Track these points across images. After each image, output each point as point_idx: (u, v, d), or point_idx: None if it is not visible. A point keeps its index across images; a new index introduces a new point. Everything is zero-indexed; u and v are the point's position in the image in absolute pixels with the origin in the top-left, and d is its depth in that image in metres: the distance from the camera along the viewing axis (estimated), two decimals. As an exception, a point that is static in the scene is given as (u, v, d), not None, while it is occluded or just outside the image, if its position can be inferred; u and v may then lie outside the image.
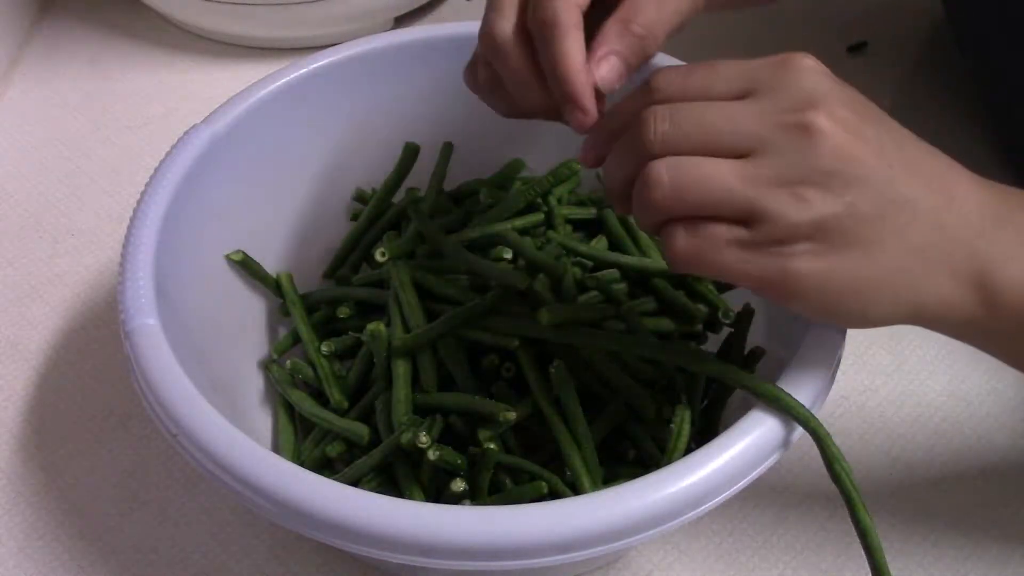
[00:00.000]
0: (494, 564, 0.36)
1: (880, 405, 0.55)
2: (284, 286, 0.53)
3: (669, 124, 0.35)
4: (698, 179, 0.34)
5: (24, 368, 0.57)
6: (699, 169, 0.34)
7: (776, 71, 0.35)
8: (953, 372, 0.56)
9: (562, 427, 0.44)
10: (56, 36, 0.78)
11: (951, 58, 0.73)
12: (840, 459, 0.38)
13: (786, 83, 0.35)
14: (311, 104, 0.53)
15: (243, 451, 0.38)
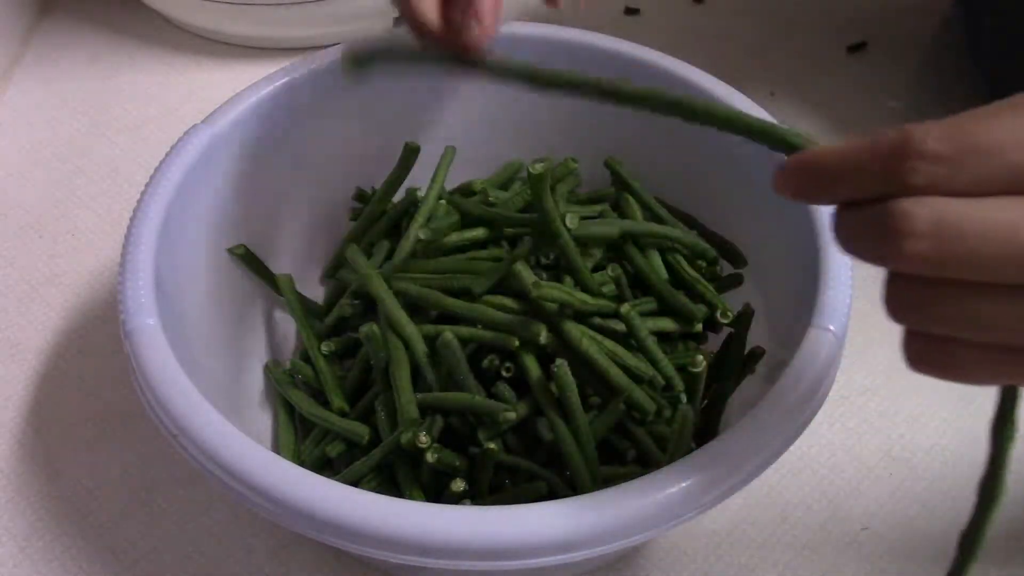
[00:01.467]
0: (494, 564, 0.36)
1: (880, 405, 0.55)
2: (283, 288, 0.53)
3: (931, 247, 0.27)
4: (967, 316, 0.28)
5: (24, 368, 0.57)
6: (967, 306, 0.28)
7: None
8: (953, 372, 0.56)
9: (563, 427, 0.44)
10: (56, 36, 0.78)
11: (951, 58, 0.73)
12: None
13: None
14: (311, 104, 0.53)
15: (243, 451, 0.38)
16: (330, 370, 0.50)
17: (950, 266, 0.27)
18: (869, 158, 0.28)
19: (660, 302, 0.50)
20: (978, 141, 0.27)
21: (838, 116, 0.71)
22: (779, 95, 0.72)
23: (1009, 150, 0.27)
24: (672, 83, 0.53)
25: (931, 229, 0.27)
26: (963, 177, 0.27)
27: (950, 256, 0.27)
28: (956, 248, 0.27)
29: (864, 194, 0.28)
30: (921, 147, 0.27)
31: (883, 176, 0.28)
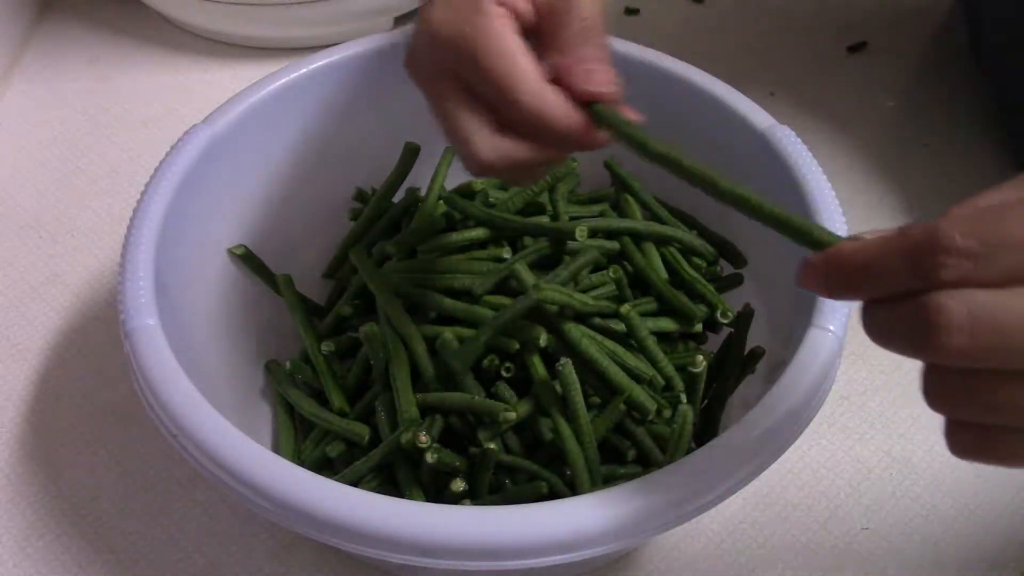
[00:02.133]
0: (494, 564, 0.36)
1: (880, 405, 0.55)
2: (283, 288, 0.53)
3: (968, 340, 0.27)
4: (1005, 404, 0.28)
5: (24, 368, 0.57)
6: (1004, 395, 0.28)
7: None
8: (953, 372, 0.56)
9: (565, 426, 0.44)
10: (56, 36, 0.78)
11: (951, 57, 0.73)
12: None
13: None
14: (311, 104, 0.53)
15: (243, 451, 0.38)
16: (330, 370, 0.50)
17: (988, 357, 0.27)
18: (898, 257, 0.28)
19: (660, 302, 0.50)
20: (1006, 235, 0.27)
21: (838, 116, 0.71)
22: (779, 95, 0.72)
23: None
24: (672, 83, 0.53)
25: (967, 322, 0.27)
26: (993, 270, 0.27)
27: (987, 347, 0.27)
28: (993, 339, 0.27)
29: (893, 291, 0.29)
30: (949, 244, 0.27)
31: (913, 273, 0.28)
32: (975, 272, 0.27)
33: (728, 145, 0.51)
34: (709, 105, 0.51)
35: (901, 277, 0.28)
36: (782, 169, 0.47)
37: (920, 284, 0.28)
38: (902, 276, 0.28)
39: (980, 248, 0.27)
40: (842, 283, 0.30)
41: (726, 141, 0.51)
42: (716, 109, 0.51)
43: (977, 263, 0.27)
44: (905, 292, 0.28)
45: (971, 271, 0.27)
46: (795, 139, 0.48)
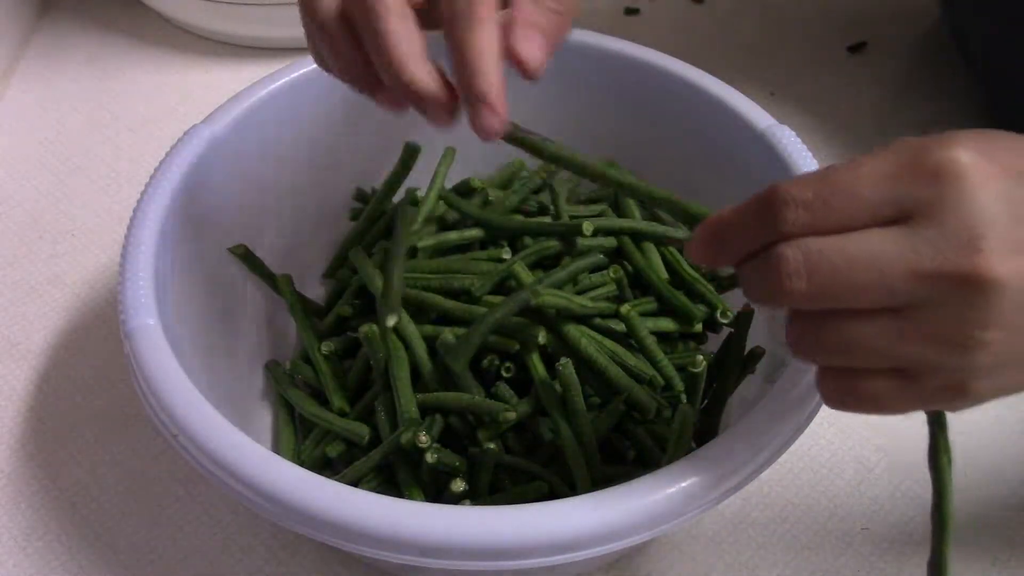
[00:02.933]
0: (494, 564, 0.36)
1: (880, 405, 0.55)
2: (283, 288, 0.53)
3: (806, 283, 0.30)
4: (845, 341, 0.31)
5: (24, 368, 0.57)
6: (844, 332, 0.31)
7: (931, 187, 0.30)
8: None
9: (565, 426, 0.44)
10: (56, 36, 0.78)
11: (950, 57, 0.73)
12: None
13: (945, 210, 0.29)
14: (311, 104, 0.53)
15: (243, 451, 0.38)
16: (330, 370, 0.50)
17: (826, 297, 0.30)
18: (749, 216, 0.32)
19: (660, 302, 0.50)
20: (837, 182, 0.30)
21: (838, 116, 0.71)
22: (779, 95, 0.72)
23: (865, 186, 0.30)
24: (672, 83, 0.53)
25: (803, 266, 0.30)
26: (829, 218, 0.30)
27: (823, 288, 0.30)
28: (827, 280, 0.30)
29: (752, 247, 0.32)
30: (786, 196, 0.30)
31: (761, 228, 0.31)
32: (812, 221, 0.30)
33: (728, 145, 0.51)
34: (709, 105, 0.51)
35: (754, 233, 0.31)
36: (782, 169, 0.47)
37: (768, 238, 0.31)
38: (754, 232, 0.31)
39: (813, 198, 0.30)
40: (714, 248, 0.33)
41: (726, 141, 0.51)
42: (716, 109, 0.51)
43: (813, 212, 0.30)
44: (760, 249, 0.31)
45: (808, 220, 0.30)
46: (795, 139, 0.48)
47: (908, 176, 0.30)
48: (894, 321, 0.30)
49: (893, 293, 0.30)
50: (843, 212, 0.30)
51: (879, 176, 0.30)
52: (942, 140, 0.30)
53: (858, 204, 0.30)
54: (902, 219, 0.30)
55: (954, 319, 0.30)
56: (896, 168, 0.30)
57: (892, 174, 0.30)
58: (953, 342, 0.30)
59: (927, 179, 0.30)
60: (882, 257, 0.30)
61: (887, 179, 0.30)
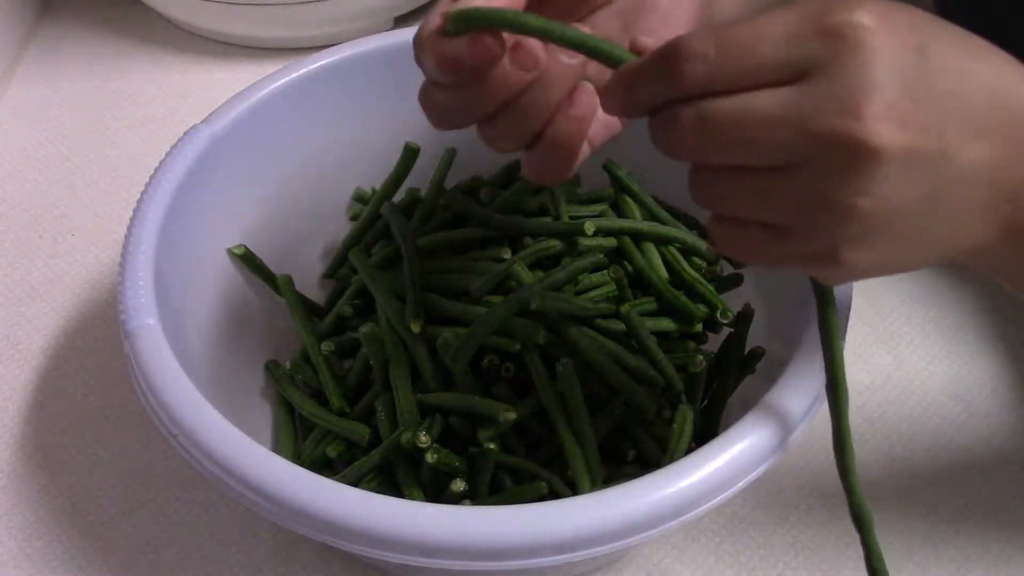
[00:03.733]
0: (494, 564, 0.36)
1: (880, 405, 0.55)
2: (283, 288, 0.53)
3: (697, 134, 0.31)
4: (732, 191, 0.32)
5: (24, 368, 0.57)
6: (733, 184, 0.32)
7: (828, 48, 0.30)
8: (953, 372, 0.56)
9: (565, 426, 0.44)
10: (56, 36, 0.78)
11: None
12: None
13: (837, 71, 0.30)
14: (311, 104, 0.53)
15: (243, 451, 0.38)
16: (330, 370, 0.50)
17: (716, 153, 0.31)
18: (653, 66, 0.32)
19: (660, 302, 0.50)
20: (737, 38, 0.31)
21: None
22: (779, 95, 0.72)
23: (763, 44, 0.30)
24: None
25: (696, 124, 0.31)
26: (727, 74, 0.31)
27: (713, 145, 0.31)
28: (717, 138, 0.31)
29: (658, 98, 0.32)
30: (687, 49, 0.31)
31: (664, 81, 0.32)
32: (709, 77, 0.31)
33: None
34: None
35: (658, 86, 0.32)
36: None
37: (670, 92, 0.31)
38: (658, 85, 0.32)
39: (713, 50, 0.30)
40: (622, 97, 0.33)
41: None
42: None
43: (711, 68, 0.30)
44: (664, 103, 0.32)
45: (705, 75, 0.31)
46: (795, 139, 0.48)
47: (807, 35, 0.30)
48: (776, 177, 0.31)
49: (776, 152, 0.30)
50: (740, 69, 0.30)
51: (778, 34, 0.30)
52: (845, 2, 0.30)
53: (755, 62, 0.30)
54: (797, 78, 0.30)
55: (828, 181, 0.30)
56: (796, 27, 0.30)
57: (791, 33, 0.30)
58: (825, 205, 0.30)
59: (825, 39, 0.30)
60: (769, 117, 0.30)
61: (786, 38, 0.30)
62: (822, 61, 0.30)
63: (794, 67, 0.30)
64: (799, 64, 0.30)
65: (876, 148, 0.29)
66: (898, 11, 0.31)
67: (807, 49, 0.30)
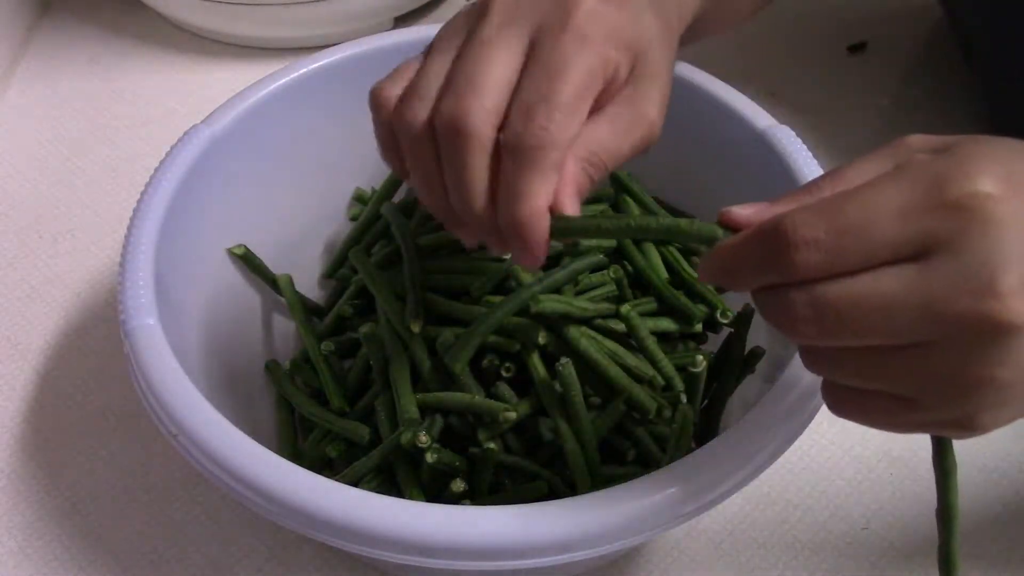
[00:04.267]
0: (494, 564, 0.36)
1: (880, 405, 0.55)
2: (283, 288, 0.53)
3: (817, 329, 0.30)
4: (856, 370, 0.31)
5: (24, 368, 0.57)
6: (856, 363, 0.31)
7: (952, 223, 0.28)
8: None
9: (565, 426, 0.44)
10: (56, 36, 0.78)
11: (951, 58, 0.73)
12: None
13: (964, 247, 0.28)
14: (311, 104, 0.53)
15: (243, 451, 0.38)
16: (330, 370, 0.50)
17: (837, 339, 0.30)
18: (755, 251, 0.31)
19: (660, 302, 0.50)
20: (850, 220, 0.29)
21: (838, 116, 0.71)
22: (779, 95, 0.72)
23: (880, 225, 0.29)
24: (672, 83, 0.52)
25: (812, 314, 0.29)
26: (842, 260, 0.29)
27: (834, 333, 0.30)
28: (838, 326, 0.29)
29: (763, 283, 0.31)
30: (795, 237, 0.29)
31: (770, 268, 0.30)
32: (823, 264, 0.29)
33: (728, 145, 0.51)
34: (709, 105, 0.51)
35: (763, 272, 0.31)
36: (782, 169, 0.47)
37: (779, 279, 0.30)
38: (763, 271, 0.31)
39: (824, 238, 0.29)
40: (723, 277, 0.33)
41: (726, 141, 0.51)
42: (716, 109, 0.51)
43: (824, 255, 0.29)
44: (776, 283, 0.31)
45: (819, 263, 0.29)
46: (795, 139, 0.48)
47: (927, 211, 0.28)
48: (901, 354, 0.30)
49: (902, 333, 0.29)
50: (856, 254, 0.29)
51: (895, 212, 0.28)
52: (964, 168, 0.28)
53: (873, 245, 0.29)
54: (919, 255, 0.29)
55: (966, 360, 0.29)
56: (914, 202, 0.28)
57: (909, 209, 0.28)
58: (962, 382, 0.29)
59: (948, 213, 0.28)
60: (894, 299, 0.29)
61: (902, 215, 0.28)
62: (946, 237, 0.28)
63: (915, 245, 0.28)
64: (921, 242, 0.28)
65: (1014, 323, 0.28)
66: (1018, 160, 0.29)
67: (929, 226, 0.28)
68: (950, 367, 0.29)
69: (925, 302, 0.28)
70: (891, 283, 0.29)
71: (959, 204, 0.28)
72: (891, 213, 0.29)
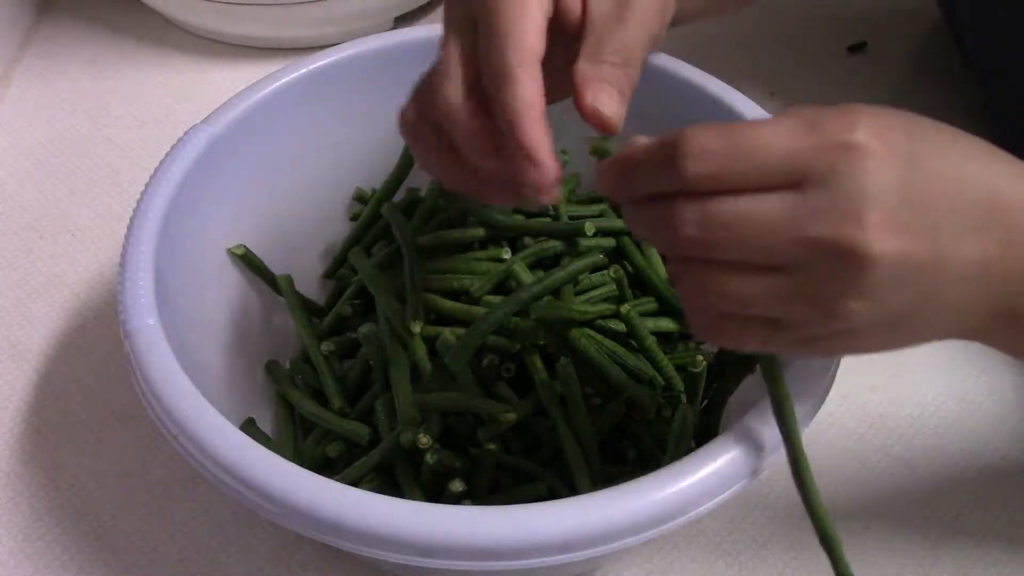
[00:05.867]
0: (494, 564, 0.36)
1: (880, 405, 0.55)
2: (283, 288, 0.53)
3: (698, 230, 0.32)
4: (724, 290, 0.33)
5: (24, 368, 0.57)
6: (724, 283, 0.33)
7: (828, 161, 0.31)
8: (953, 372, 0.56)
9: (565, 426, 0.44)
10: (56, 36, 0.78)
11: (951, 58, 0.73)
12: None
13: (837, 183, 0.31)
14: (311, 104, 0.53)
15: (243, 451, 0.38)
16: (330, 370, 0.50)
17: (713, 252, 0.32)
18: (655, 157, 0.33)
19: (660, 302, 0.50)
20: (741, 143, 0.32)
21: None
22: (779, 95, 0.72)
23: (766, 152, 0.31)
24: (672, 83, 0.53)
25: (698, 218, 0.32)
26: (729, 177, 0.32)
27: (712, 245, 0.32)
28: (717, 238, 0.32)
29: (654, 188, 0.33)
30: (692, 147, 0.32)
31: (665, 173, 0.32)
32: (712, 177, 0.32)
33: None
34: (709, 105, 0.51)
35: (658, 177, 0.33)
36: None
37: (670, 186, 0.32)
38: (658, 176, 0.33)
39: (718, 150, 0.32)
40: (618, 181, 0.34)
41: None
42: (716, 109, 0.51)
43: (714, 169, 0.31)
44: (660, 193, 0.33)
45: (708, 175, 0.32)
46: (795, 139, 0.48)
47: (807, 147, 0.31)
48: (773, 278, 0.32)
49: (776, 255, 0.31)
50: (742, 173, 0.32)
51: (781, 144, 0.31)
52: (843, 115, 0.32)
53: (757, 168, 0.31)
54: (795, 185, 0.31)
55: (827, 285, 0.31)
56: (797, 138, 0.31)
57: (792, 143, 0.31)
58: (822, 306, 0.32)
59: (824, 153, 0.31)
60: (772, 221, 0.31)
61: (788, 148, 0.31)
62: (821, 172, 0.31)
63: (793, 176, 0.31)
64: (801, 172, 0.31)
65: (873, 255, 0.31)
66: (893, 120, 0.33)
67: (808, 161, 0.31)
68: (811, 291, 0.32)
69: (798, 227, 0.31)
70: (771, 205, 0.31)
71: (836, 145, 0.31)
72: (778, 143, 0.31)
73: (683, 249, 0.33)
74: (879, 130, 0.32)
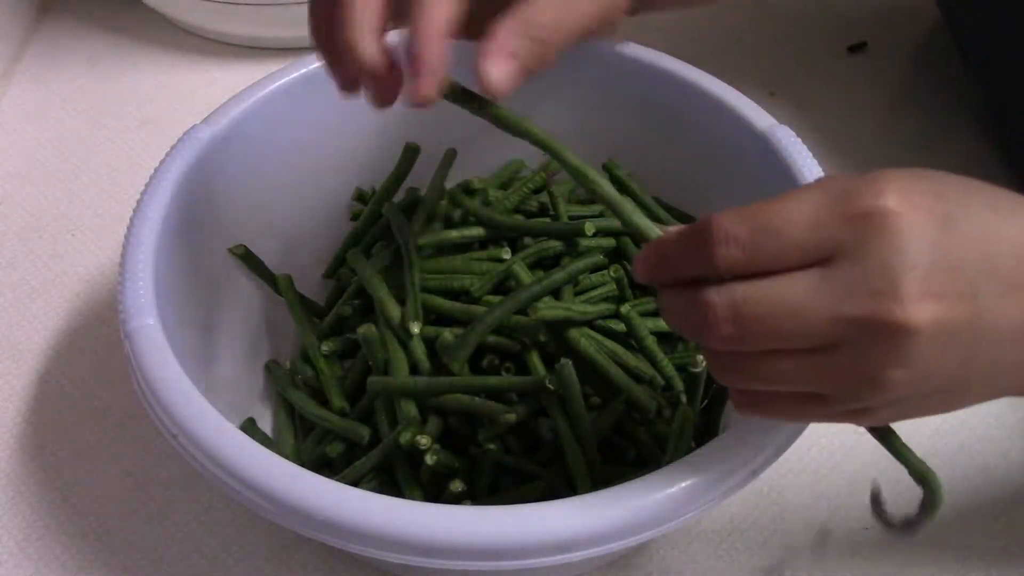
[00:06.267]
0: (494, 564, 0.36)
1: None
2: (283, 288, 0.53)
3: (732, 328, 0.32)
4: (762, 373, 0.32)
5: (24, 368, 0.57)
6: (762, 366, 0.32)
7: (856, 232, 0.31)
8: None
9: (565, 426, 0.44)
10: (56, 36, 0.78)
11: (951, 58, 0.73)
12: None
13: (868, 255, 0.30)
14: (311, 104, 0.53)
15: (243, 451, 0.38)
16: (330, 370, 0.50)
17: (748, 343, 0.32)
18: (683, 245, 0.33)
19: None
20: (768, 221, 0.31)
21: (838, 116, 0.71)
22: (779, 95, 0.72)
23: (793, 229, 0.31)
24: (672, 83, 0.53)
25: (731, 315, 0.31)
26: (760, 256, 0.31)
27: (746, 335, 0.32)
28: (750, 329, 0.31)
29: (687, 275, 0.33)
30: (719, 232, 0.31)
31: (695, 260, 0.32)
32: (744, 259, 0.31)
33: (728, 145, 0.51)
34: (709, 105, 0.51)
35: (688, 263, 0.33)
36: (782, 169, 0.47)
37: (700, 272, 0.32)
38: (688, 263, 0.33)
39: (745, 234, 0.31)
40: (653, 270, 0.34)
41: (726, 141, 0.51)
42: (716, 109, 0.51)
43: (743, 252, 0.31)
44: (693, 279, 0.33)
45: (738, 260, 0.31)
46: (795, 139, 0.48)
47: (835, 220, 0.31)
48: (812, 358, 0.32)
49: (813, 337, 0.31)
50: (771, 254, 0.31)
51: (807, 218, 0.31)
52: (869, 184, 0.31)
53: (787, 246, 0.31)
54: (827, 259, 0.31)
55: (868, 360, 0.31)
56: (824, 211, 0.31)
57: (819, 217, 0.31)
58: (865, 380, 0.31)
59: (853, 224, 0.31)
60: (805, 304, 0.31)
61: (814, 222, 0.31)
62: (851, 245, 0.31)
63: (823, 251, 0.31)
64: (829, 248, 0.31)
65: (913, 326, 0.30)
66: (922, 182, 0.32)
67: (835, 233, 0.31)
68: (854, 367, 0.31)
69: (833, 306, 0.31)
70: (804, 286, 0.31)
71: (864, 215, 0.30)
72: (805, 218, 0.31)
73: (715, 344, 0.32)
74: (908, 194, 0.31)
